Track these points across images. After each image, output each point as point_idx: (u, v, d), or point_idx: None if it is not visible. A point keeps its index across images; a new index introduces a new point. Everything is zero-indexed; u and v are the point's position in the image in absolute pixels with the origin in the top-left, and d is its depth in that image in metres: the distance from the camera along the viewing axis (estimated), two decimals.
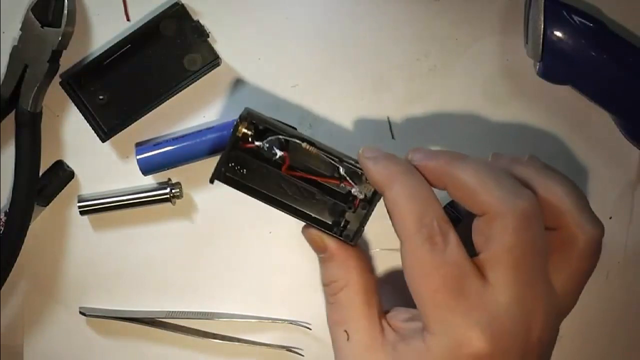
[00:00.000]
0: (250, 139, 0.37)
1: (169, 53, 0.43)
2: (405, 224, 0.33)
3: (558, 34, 0.40)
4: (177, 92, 0.44)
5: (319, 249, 0.38)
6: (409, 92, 0.45)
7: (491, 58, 0.44)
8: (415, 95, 0.45)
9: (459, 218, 0.43)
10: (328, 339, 0.48)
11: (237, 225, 0.46)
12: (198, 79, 0.44)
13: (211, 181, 0.38)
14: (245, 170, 0.39)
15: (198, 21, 0.43)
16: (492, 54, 0.44)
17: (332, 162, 0.38)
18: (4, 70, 0.42)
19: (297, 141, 0.37)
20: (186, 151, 0.43)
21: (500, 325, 0.31)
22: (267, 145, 0.37)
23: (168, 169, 0.44)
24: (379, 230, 0.44)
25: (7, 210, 0.43)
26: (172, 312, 0.47)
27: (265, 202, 0.39)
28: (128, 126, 0.44)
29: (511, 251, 0.32)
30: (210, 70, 0.43)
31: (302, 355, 0.48)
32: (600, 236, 0.34)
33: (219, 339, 0.47)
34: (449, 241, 0.33)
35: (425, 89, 0.45)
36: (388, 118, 0.45)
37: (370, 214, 0.38)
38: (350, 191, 0.38)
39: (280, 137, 0.37)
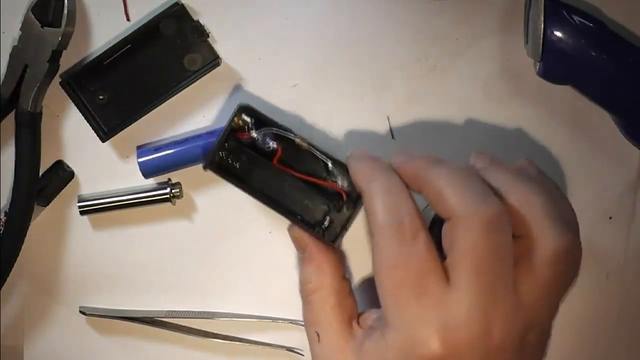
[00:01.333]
0: (246, 129, 0.39)
1: (169, 53, 0.43)
2: (377, 216, 0.34)
3: (558, 34, 0.40)
4: (177, 92, 0.44)
5: (299, 248, 0.40)
6: (409, 92, 0.45)
7: (491, 58, 0.44)
8: (415, 95, 0.45)
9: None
10: None
11: (237, 225, 0.46)
12: (198, 79, 0.43)
13: (204, 167, 0.39)
14: (237, 163, 0.40)
15: (198, 21, 0.43)
16: (492, 54, 0.44)
17: (322, 159, 0.39)
18: (4, 70, 0.42)
19: (291, 136, 0.39)
20: (187, 154, 0.43)
21: (456, 328, 0.31)
22: (262, 135, 0.39)
23: (169, 172, 0.44)
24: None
25: (7, 210, 0.43)
26: (172, 311, 0.47)
27: (252, 196, 0.40)
28: (128, 126, 0.44)
29: (472, 254, 0.32)
30: (210, 70, 0.43)
31: (303, 355, 0.48)
32: (566, 246, 0.33)
33: (220, 339, 0.47)
34: (418, 237, 0.33)
35: (425, 89, 0.45)
36: (388, 118, 0.45)
37: (355, 216, 0.39)
38: (336, 192, 0.39)
39: (275, 130, 0.39)
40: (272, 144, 0.39)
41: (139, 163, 0.43)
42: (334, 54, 0.44)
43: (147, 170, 0.43)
